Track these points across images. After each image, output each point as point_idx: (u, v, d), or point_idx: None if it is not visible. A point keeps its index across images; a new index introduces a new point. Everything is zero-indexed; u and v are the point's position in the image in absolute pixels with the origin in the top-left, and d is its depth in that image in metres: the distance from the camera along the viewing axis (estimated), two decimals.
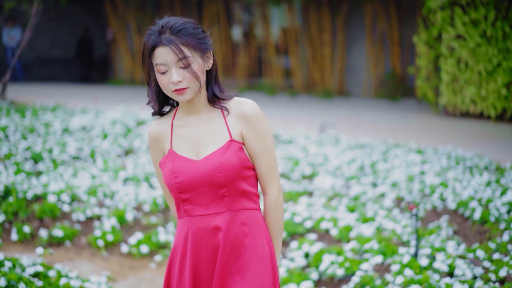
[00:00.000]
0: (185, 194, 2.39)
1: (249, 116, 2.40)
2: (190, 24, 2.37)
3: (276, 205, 2.46)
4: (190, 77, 2.34)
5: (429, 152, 8.20)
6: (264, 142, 2.41)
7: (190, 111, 2.45)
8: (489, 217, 5.37)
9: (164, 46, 2.33)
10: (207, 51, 2.39)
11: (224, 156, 2.36)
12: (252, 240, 2.39)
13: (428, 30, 12.29)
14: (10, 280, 3.64)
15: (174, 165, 2.39)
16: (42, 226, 5.92)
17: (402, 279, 4.03)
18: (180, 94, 2.36)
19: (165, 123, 2.49)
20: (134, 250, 5.51)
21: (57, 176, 7.18)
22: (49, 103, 13.01)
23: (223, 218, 2.38)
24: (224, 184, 2.36)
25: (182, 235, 2.42)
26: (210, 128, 2.42)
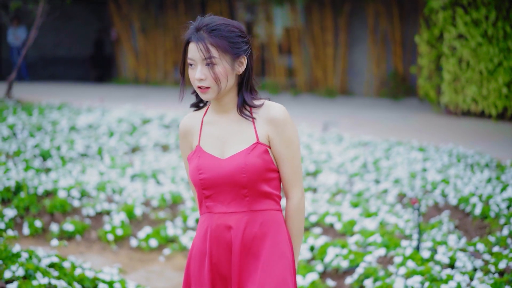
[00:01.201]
0: (208, 191, 2.43)
1: (277, 120, 2.42)
2: (227, 27, 2.39)
3: (298, 209, 2.48)
4: (212, 77, 2.37)
5: (430, 150, 8.34)
6: (290, 147, 2.44)
7: (220, 110, 2.48)
8: (489, 213, 5.50)
9: (195, 43, 2.37)
10: (239, 56, 2.40)
11: (248, 157, 2.39)
12: (271, 241, 2.41)
13: (430, 30, 12.42)
14: (28, 270, 3.79)
15: (200, 161, 2.43)
16: (53, 221, 6.07)
17: (405, 270, 4.17)
18: (202, 93, 2.41)
19: (196, 119, 2.54)
20: (143, 244, 5.66)
21: (66, 173, 7.33)
22: (54, 102, 13.16)
23: (242, 217, 2.41)
24: (246, 184, 2.39)
25: (202, 231, 2.47)
26: (238, 129, 2.45)
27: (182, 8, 19.08)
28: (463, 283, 3.92)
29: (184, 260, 5.44)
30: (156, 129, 10.01)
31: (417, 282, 4.01)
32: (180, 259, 5.47)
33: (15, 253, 4.03)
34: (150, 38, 19.66)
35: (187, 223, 5.96)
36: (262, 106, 2.45)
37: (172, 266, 5.34)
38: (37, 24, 13.50)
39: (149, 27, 19.62)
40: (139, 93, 16.97)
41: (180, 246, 5.58)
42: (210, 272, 2.43)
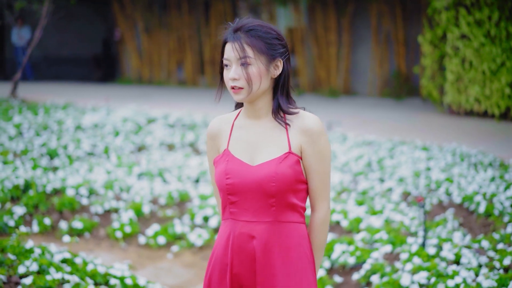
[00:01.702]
0: (234, 197, 2.37)
1: (311, 131, 2.37)
2: (264, 28, 2.36)
3: (324, 222, 2.44)
4: (246, 78, 2.34)
5: (434, 149, 8.40)
6: (322, 159, 2.38)
7: (253, 115, 2.43)
8: (493, 211, 5.57)
9: (230, 42, 2.35)
10: (275, 58, 2.36)
11: (279, 167, 2.33)
12: (294, 254, 2.36)
13: (433, 30, 12.49)
14: (42, 265, 3.87)
15: (228, 166, 2.38)
16: (62, 218, 6.15)
17: (411, 266, 4.24)
18: (235, 93, 2.37)
19: (226, 122, 2.49)
20: (151, 241, 5.73)
21: (73, 171, 7.40)
22: (59, 101, 13.25)
23: (267, 227, 2.35)
24: (275, 194, 2.33)
25: (224, 237, 2.41)
26: (270, 136, 2.40)
27: (186, 8, 19.15)
28: (468, 279, 3.99)
29: (192, 257, 5.51)
30: (161, 129, 10.09)
31: (424, 277, 4.08)
32: (188, 256, 5.54)
33: (28, 249, 4.11)
34: (154, 38, 19.73)
35: (194, 220, 6.03)
36: (297, 115, 2.39)
37: (181, 263, 5.41)
38: (42, 24, 13.58)
39: (152, 27, 19.70)
40: (143, 93, 17.04)
41: (188, 243, 5.66)
42: (231, 283, 2.38)
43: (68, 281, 3.84)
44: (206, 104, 14.29)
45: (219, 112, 12.31)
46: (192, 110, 12.18)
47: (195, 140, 9.18)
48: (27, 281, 3.68)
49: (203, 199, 6.39)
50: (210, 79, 18.95)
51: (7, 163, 7.58)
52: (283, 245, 2.36)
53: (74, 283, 3.83)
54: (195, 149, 8.94)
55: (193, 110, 12.20)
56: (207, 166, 7.63)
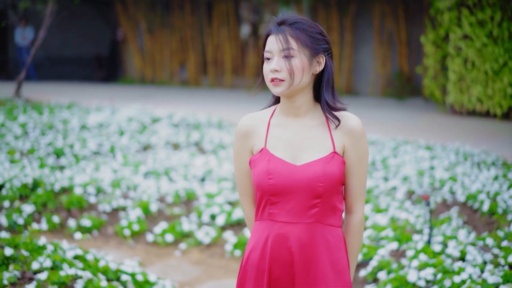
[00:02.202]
0: (276, 198, 2.30)
1: (355, 132, 2.33)
2: (308, 22, 2.33)
3: (361, 224, 2.40)
4: (288, 69, 2.28)
5: (437, 149, 8.47)
6: (362, 160, 2.35)
7: (292, 112, 2.37)
8: (497, 209, 5.63)
9: (274, 34, 2.31)
10: (317, 53, 2.32)
11: (327, 167, 2.29)
12: (333, 257, 2.32)
13: (436, 31, 12.56)
14: (55, 261, 3.94)
15: (270, 165, 2.31)
16: (70, 216, 6.22)
17: (418, 263, 4.31)
18: (275, 85, 2.30)
19: (259, 120, 2.41)
20: (159, 239, 5.80)
21: (80, 170, 7.47)
22: (63, 101, 13.32)
23: (307, 229, 2.30)
24: (321, 194, 2.28)
25: (262, 238, 2.34)
26: (313, 135, 2.34)
27: (188, 9, 19.22)
28: (474, 275, 4.06)
29: (199, 255, 5.58)
30: (166, 128, 10.15)
31: (430, 274, 4.15)
32: (196, 253, 5.61)
33: (41, 245, 4.17)
34: (157, 38, 19.81)
35: (201, 218, 6.09)
36: (339, 114, 2.36)
37: (188, 260, 5.48)
38: (46, 25, 13.65)
39: (155, 27, 19.77)
40: (146, 92, 17.12)
41: (196, 241, 5.72)
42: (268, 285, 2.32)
43: (81, 277, 3.91)
44: (209, 104, 14.36)
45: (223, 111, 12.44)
46: (196, 110, 12.25)
47: (200, 140, 9.25)
48: (42, 277, 3.75)
49: (210, 198, 6.46)
50: (213, 79, 19.02)
51: (14, 162, 7.65)
52: (322, 248, 2.31)
53: (87, 279, 3.90)
54: (200, 148, 9.01)
55: (196, 110, 12.27)
56: (213, 165, 7.70)
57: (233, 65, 18.58)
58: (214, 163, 7.88)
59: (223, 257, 5.52)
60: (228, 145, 9.01)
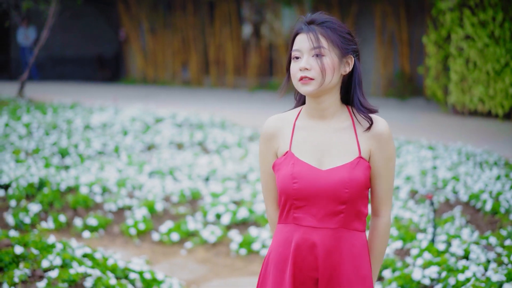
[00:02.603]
0: (300, 202, 2.28)
1: (382, 136, 2.31)
2: (338, 22, 2.32)
3: (387, 228, 2.37)
4: (318, 69, 2.25)
5: (440, 149, 8.52)
6: (389, 164, 2.32)
7: (318, 115, 2.34)
8: (499, 209, 5.68)
9: (304, 33, 2.28)
10: (347, 54, 2.30)
11: (353, 172, 2.25)
12: (357, 262, 2.29)
13: (437, 31, 12.62)
14: (65, 259, 3.99)
15: (295, 169, 2.28)
16: (76, 215, 6.27)
17: (422, 262, 4.36)
18: (304, 84, 2.26)
19: (285, 122, 2.37)
20: (165, 238, 5.85)
21: (85, 170, 7.53)
22: (66, 101, 13.38)
23: (332, 234, 2.27)
24: (347, 200, 2.25)
25: (285, 242, 2.32)
26: (339, 139, 2.31)
27: (191, 9, 19.28)
28: (478, 274, 4.11)
29: (205, 253, 5.63)
30: (169, 128, 10.21)
31: (435, 272, 4.20)
32: (202, 252, 5.66)
33: (50, 244, 4.23)
34: (159, 38, 19.87)
35: (207, 217, 6.15)
36: (365, 117, 2.32)
37: (194, 259, 5.53)
38: (49, 25, 13.71)
39: (157, 27, 19.83)
40: (148, 92, 17.17)
41: (201, 240, 5.78)
42: None
43: (90, 275, 3.96)
44: (212, 103, 14.42)
45: (225, 111, 12.49)
46: (198, 110, 12.30)
47: (204, 140, 9.31)
48: (53, 274, 3.80)
49: (215, 197, 6.51)
50: (215, 79, 19.08)
51: (19, 161, 7.71)
52: (346, 253, 2.28)
53: (96, 277, 3.95)
54: (203, 148, 9.06)
55: (198, 110, 12.32)
56: (217, 165, 7.75)
57: (235, 65, 18.64)
58: (218, 162, 7.93)
59: (229, 256, 5.57)
60: (231, 145, 9.06)
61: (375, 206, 2.35)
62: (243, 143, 9.21)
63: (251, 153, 8.46)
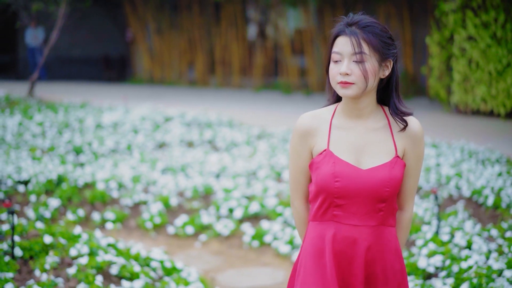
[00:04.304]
0: (342, 200, 2.33)
1: (416, 135, 2.38)
2: (380, 26, 2.33)
3: (410, 220, 2.49)
4: (359, 74, 2.28)
5: (443, 146, 8.76)
6: (420, 161, 2.40)
7: (354, 114, 2.38)
8: (501, 204, 5.92)
9: (346, 36, 2.30)
10: (387, 58, 2.32)
11: (392, 172, 2.33)
12: (391, 257, 2.38)
13: (441, 32, 12.85)
14: (92, 248, 4.25)
15: (336, 168, 2.32)
16: (94, 210, 6.53)
17: (427, 251, 4.61)
18: (344, 88, 2.30)
19: (321, 120, 2.41)
20: (180, 231, 6.11)
21: (99, 167, 7.78)
22: (75, 101, 13.64)
23: (372, 232, 2.35)
24: (386, 199, 2.33)
25: (321, 239, 2.38)
26: (376, 139, 2.37)
27: (197, 9, 19.53)
28: (480, 262, 4.35)
29: (219, 246, 5.88)
30: (178, 127, 10.46)
31: (439, 261, 4.45)
32: (216, 244, 5.92)
33: (77, 234, 4.49)
34: (165, 38, 20.13)
35: (220, 212, 6.40)
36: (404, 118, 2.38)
37: (209, 251, 5.79)
38: (59, 26, 13.98)
39: (164, 28, 20.09)
40: (155, 92, 17.43)
41: (215, 233, 6.03)
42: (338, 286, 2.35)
43: (115, 263, 4.22)
44: (218, 103, 14.67)
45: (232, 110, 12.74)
46: (205, 109, 12.55)
47: (213, 138, 9.57)
48: (82, 261, 4.06)
49: (227, 192, 6.76)
50: (221, 79, 19.33)
51: (36, 159, 7.97)
52: (385, 249, 2.37)
53: (121, 264, 4.21)
54: (213, 146, 9.32)
55: (205, 109, 12.56)
56: (227, 162, 8.01)
57: (241, 65, 18.89)
58: (227, 160, 8.18)
59: (241, 248, 5.83)
60: (240, 143, 9.31)
61: (401, 201, 2.44)
62: (251, 141, 9.46)
63: (259, 151, 8.71)
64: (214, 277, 5.14)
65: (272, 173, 7.49)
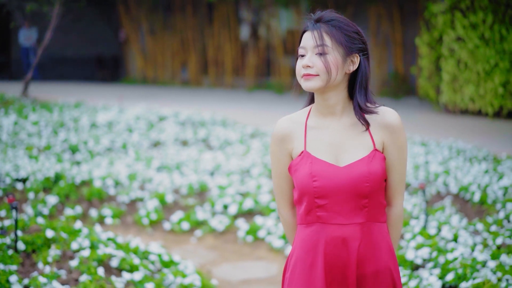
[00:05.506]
0: (322, 200, 2.30)
1: (393, 126, 2.34)
2: (346, 21, 2.32)
3: (401, 216, 2.44)
4: (321, 66, 2.26)
5: (432, 145, 8.96)
6: (402, 153, 2.36)
7: (327, 112, 2.36)
8: (487, 199, 6.12)
9: (309, 31, 2.31)
10: (352, 52, 2.31)
11: (371, 166, 2.29)
12: (382, 254, 2.35)
13: (430, 33, 13.07)
14: (93, 241, 4.41)
15: (313, 168, 2.30)
16: (91, 207, 6.69)
17: (415, 244, 4.80)
18: (306, 80, 2.29)
19: (296, 123, 2.39)
20: (176, 227, 6.27)
21: (95, 165, 7.93)
22: (69, 101, 13.77)
23: (360, 229, 2.32)
24: (368, 194, 2.29)
25: (309, 242, 2.34)
26: (352, 134, 2.34)
27: (190, 10, 19.69)
28: (465, 254, 4.54)
29: (214, 241, 6.06)
30: (172, 126, 10.62)
31: (426, 253, 4.63)
32: (211, 239, 6.09)
33: (77, 229, 4.65)
34: (158, 39, 20.28)
35: (214, 208, 6.57)
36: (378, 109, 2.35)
37: (204, 246, 5.96)
38: (52, 26, 14.10)
39: (157, 28, 20.24)
40: (149, 92, 17.58)
41: (210, 229, 6.20)
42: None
43: (115, 256, 4.38)
44: (211, 103, 14.84)
45: (225, 110, 12.91)
46: (198, 109, 12.71)
47: (207, 137, 9.74)
48: (85, 254, 4.22)
49: (221, 189, 6.93)
50: (213, 79, 19.50)
51: (32, 157, 8.11)
52: (375, 246, 2.34)
53: (121, 257, 4.37)
54: (207, 145, 9.49)
55: (199, 109, 12.73)
56: (220, 160, 8.18)
57: (233, 65, 19.07)
58: (221, 158, 8.35)
59: (236, 243, 6.00)
60: (233, 142, 9.48)
61: (388, 196, 2.40)
62: (244, 140, 9.64)
63: (253, 150, 8.88)
64: (210, 270, 5.32)
65: (265, 171, 7.67)
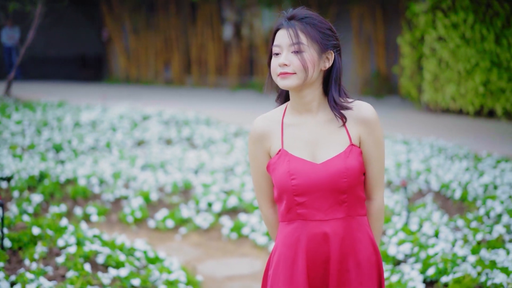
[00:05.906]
0: (301, 197, 2.31)
1: (369, 120, 2.35)
2: (319, 18, 2.33)
3: (381, 210, 2.44)
4: (298, 64, 2.26)
5: (413, 143, 9.08)
6: (380, 147, 2.38)
7: (303, 109, 2.37)
8: (467, 197, 6.23)
9: (284, 29, 2.30)
10: (327, 49, 2.31)
11: (348, 161, 2.30)
12: (364, 247, 2.36)
13: (412, 32, 13.21)
14: (79, 238, 4.44)
15: (291, 166, 2.31)
16: (76, 205, 6.71)
17: (397, 240, 4.89)
18: (283, 79, 2.29)
19: (273, 121, 2.40)
20: (160, 225, 6.31)
21: (79, 164, 7.95)
22: (53, 100, 13.74)
23: (341, 224, 2.33)
24: (346, 189, 2.30)
25: (291, 239, 2.35)
26: (329, 131, 2.35)
27: (173, 9, 19.70)
28: (446, 249, 4.63)
29: (199, 238, 6.10)
30: (156, 125, 10.65)
31: (408, 248, 4.72)
32: (195, 237, 6.13)
33: (63, 226, 4.68)
34: (141, 38, 20.26)
35: (199, 206, 6.62)
36: (353, 103, 2.37)
37: (189, 243, 6.01)
38: (35, 25, 14.06)
39: (140, 27, 20.22)
40: (132, 92, 17.56)
41: (195, 226, 6.25)
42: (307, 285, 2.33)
43: (101, 253, 4.42)
44: (194, 102, 14.87)
45: (208, 109, 12.96)
46: (182, 108, 12.75)
47: (191, 135, 9.78)
48: (71, 250, 4.25)
49: (206, 187, 6.98)
50: (197, 79, 19.52)
51: (16, 156, 8.10)
52: (356, 239, 2.34)
53: (107, 254, 4.41)
54: (191, 144, 9.53)
55: (182, 108, 12.76)
56: (204, 158, 8.23)
57: (217, 64, 19.11)
58: (205, 156, 8.40)
59: (220, 240, 6.05)
60: (217, 141, 9.53)
61: (368, 190, 2.41)
62: (228, 138, 9.69)
63: (236, 148, 8.94)
64: (195, 267, 5.37)
65: (249, 169, 7.73)
